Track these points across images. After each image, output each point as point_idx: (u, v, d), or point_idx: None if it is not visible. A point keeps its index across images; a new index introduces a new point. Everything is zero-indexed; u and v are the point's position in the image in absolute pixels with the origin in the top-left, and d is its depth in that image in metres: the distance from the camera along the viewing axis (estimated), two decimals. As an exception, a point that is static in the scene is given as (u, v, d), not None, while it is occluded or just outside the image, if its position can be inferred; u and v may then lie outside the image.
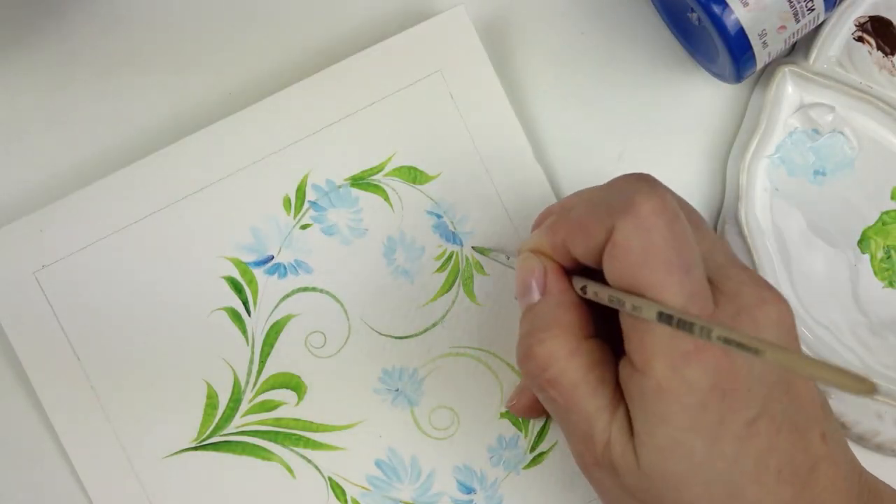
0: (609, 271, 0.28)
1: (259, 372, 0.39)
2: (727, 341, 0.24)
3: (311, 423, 0.39)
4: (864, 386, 0.21)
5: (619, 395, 0.29)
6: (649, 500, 0.29)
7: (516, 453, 0.39)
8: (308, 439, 0.39)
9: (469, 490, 0.39)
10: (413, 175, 0.40)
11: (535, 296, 0.31)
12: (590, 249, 0.29)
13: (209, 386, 0.39)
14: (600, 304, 0.29)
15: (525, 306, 0.31)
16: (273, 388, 0.39)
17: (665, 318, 0.26)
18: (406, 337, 0.39)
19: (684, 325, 0.26)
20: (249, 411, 0.39)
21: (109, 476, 0.38)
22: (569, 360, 0.29)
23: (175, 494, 0.39)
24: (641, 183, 0.29)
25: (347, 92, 0.40)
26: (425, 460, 0.39)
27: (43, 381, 0.38)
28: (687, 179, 0.42)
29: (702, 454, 0.27)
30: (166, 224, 0.39)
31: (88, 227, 0.39)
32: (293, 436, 0.39)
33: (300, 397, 0.39)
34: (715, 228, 0.41)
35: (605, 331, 0.31)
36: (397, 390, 0.39)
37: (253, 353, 0.39)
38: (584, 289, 0.30)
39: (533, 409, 0.38)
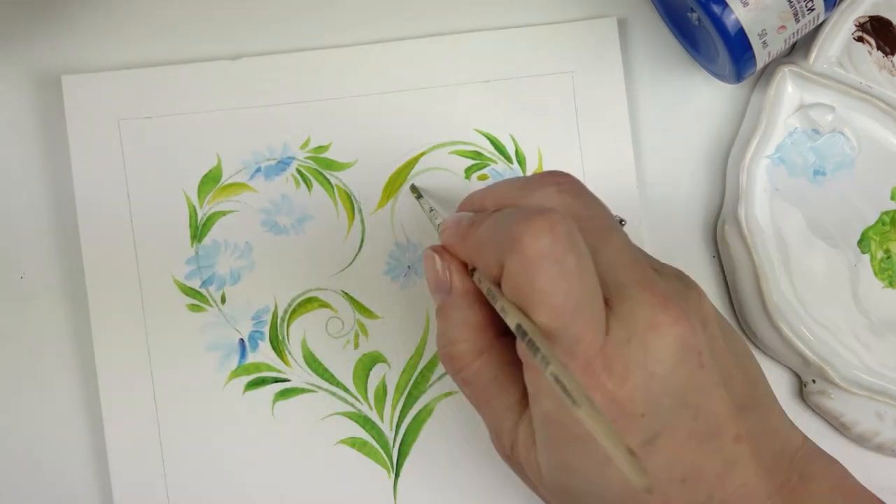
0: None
1: None
2: (556, 380, 0.24)
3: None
4: (641, 480, 0.21)
5: (525, 392, 0.30)
6: (555, 499, 0.30)
7: None
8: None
9: None
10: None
11: (443, 294, 0.31)
12: (490, 277, 0.29)
13: None
14: None
15: (437, 304, 0.32)
16: None
17: (521, 331, 0.27)
18: None
19: (532, 346, 0.26)
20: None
21: (118, 305, 0.40)
22: (478, 362, 0.30)
23: None
24: (547, 199, 0.29)
25: (479, 61, 0.41)
26: None
27: (89, 221, 0.40)
28: (687, 179, 0.42)
29: (595, 474, 0.28)
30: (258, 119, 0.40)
31: (187, 100, 0.40)
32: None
33: None
34: (715, 228, 0.41)
35: None
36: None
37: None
38: (478, 278, 0.30)
39: None
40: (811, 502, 0.30)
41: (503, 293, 0.28)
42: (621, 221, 0.33)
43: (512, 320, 0.27)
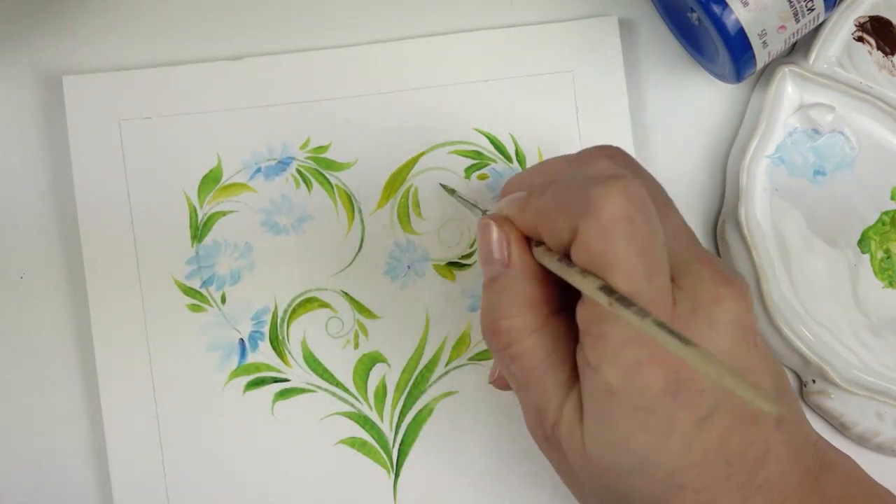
0: None
1: None
2: (660, 325, 0.24)
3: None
4: (772, 408, 0.21)
5: (577, 373, 0.29)
6: (592, 480, 0.30)
7: None
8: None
9: None
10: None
11: (499, 267, 0.30)
12: (557, 244, 0.28)
13: None
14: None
15: (488, 276, 0.31)
16: None
17: (606, 290, 0.26)
18: None
19: (623, 301, 0.25)
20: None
21: (116, 301, 0.40)
22: (531, 338, 0.29)
23: None
24: (608, 169, 0.29)
25: (479, 60, 0.41)
26: None
27: (89, 221, 0.40)
28: (687, 179, 0.42)
29: (647, 450, 0.28)
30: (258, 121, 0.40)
31: (188, 100, 0.40)
32: None
33: None
34: (715, 228, 0.41)
35: (573, 304, 0.30)
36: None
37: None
38: (540, 252, 0.30)
39: None
40: (833, 489, 0.30)
41: (573, 259, 0.28)
42: None
43: (591, 283, 0.26)
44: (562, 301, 0.30)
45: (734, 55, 0.37)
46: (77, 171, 0.40)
